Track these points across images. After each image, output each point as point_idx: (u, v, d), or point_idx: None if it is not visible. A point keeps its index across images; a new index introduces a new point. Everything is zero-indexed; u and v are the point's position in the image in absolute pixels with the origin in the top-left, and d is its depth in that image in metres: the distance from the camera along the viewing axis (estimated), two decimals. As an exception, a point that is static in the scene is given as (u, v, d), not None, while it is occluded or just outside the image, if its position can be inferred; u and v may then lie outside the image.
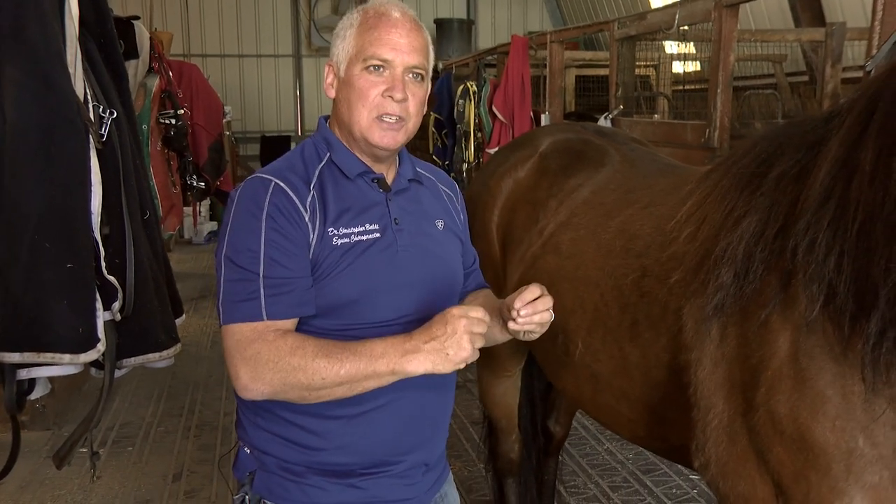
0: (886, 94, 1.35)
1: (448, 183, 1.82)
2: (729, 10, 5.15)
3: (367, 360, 1.43)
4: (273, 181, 1.52)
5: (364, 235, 1.55)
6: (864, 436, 1.43)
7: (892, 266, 1.31)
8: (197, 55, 14.94)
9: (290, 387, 1.44)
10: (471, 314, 1.44)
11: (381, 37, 1.53)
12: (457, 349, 1.42)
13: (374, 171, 1.62)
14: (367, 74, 1.54)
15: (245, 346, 1.45)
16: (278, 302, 1.47)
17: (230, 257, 1.50)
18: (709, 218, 1.76)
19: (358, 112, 1.55)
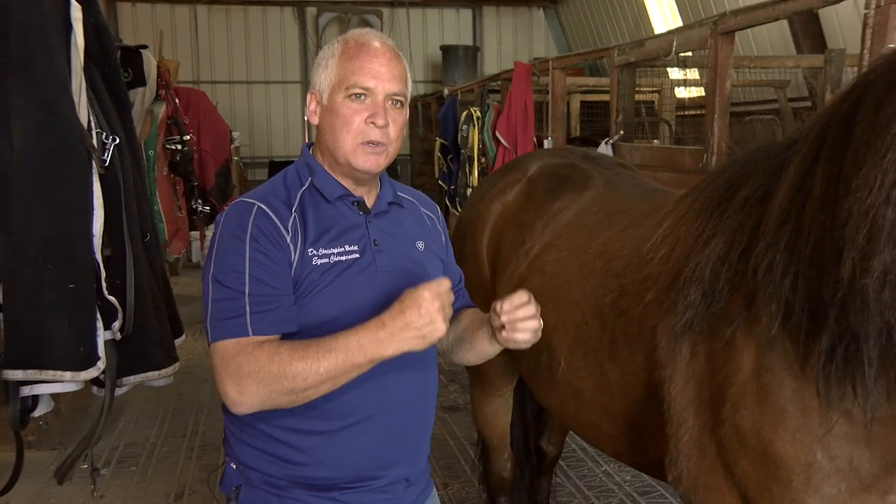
0: (834, 122, 1.42)
1: (430, 206, 1.89)
2: (724, 38, 5.23)
3: (343, 354, 1.47)
4: (256, 205, 1.60)
5: (343, 256, 1.62)
6: (821, 449, 1.48)
7: (838, 286, 1.37)
8: (206, 82, 15.18)
9: (276, 393, 1.49)
10: (441, 289, 1.49)
11: (362, 66, 1.60)
12: (432, 331, 1.47)
13: (354, 195, 1.69)
14: (349, 102, 1.61)
15: (229, 361, 1.51)
16: (263, 319, 1.53)
17: (216, 277, 1.56)
18: (681, 240, 1.83)
19: (342, 138, 1.62)
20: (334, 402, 1.58)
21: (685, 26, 6.19)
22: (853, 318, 1.36)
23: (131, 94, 5.29)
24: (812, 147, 1.48)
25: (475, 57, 15.73)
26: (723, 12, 5.36)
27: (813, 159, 1.46)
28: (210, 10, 15.67)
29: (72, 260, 2.44)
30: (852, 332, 1.37)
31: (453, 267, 1.91)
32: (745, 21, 5.10)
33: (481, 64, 16.10)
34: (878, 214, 1.30)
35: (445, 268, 1.85)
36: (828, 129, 1.44)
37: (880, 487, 1.55)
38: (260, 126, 16.15)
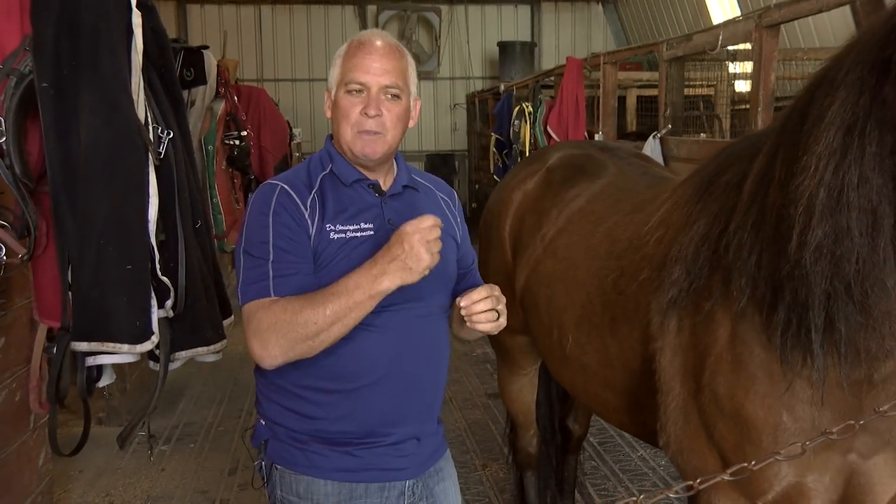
0: (794, 113, 1.55)
1: (447, 192, 2.05)
2: (769, 31, 5.25)
3: (345, 296, 1.65)
4: (279, 185, 1.81)
5: (359, 232, 1.79)
6: (786, 411, 1.61)
7: (788, 261, 1.50)
8: (270, 80, 15.62)
9: (294, 341, 1.67)
10: (422, 226, 1.64)
11: (358, 63, 1.78)
12: (417, 261, 1.63)
13: (369, 178, 1.87)
14: (348, 96, 1.80)
15: (251, 319, 1.71)
16: (284, 283, 1.72)
17: (246, 249, 1.77)
18: (673, 223, 1.97)
19: (343, 128, 1.82)
20: (351, 363, 1.76)
21: (731, 20, 6.21)
22: (800, 289, 1.49)
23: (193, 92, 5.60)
24: (777, 136, 1.61)
25: (532, 53, 15.79)
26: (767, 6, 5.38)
27: (776, 147, 1.59)
28: (274, 9, 16.12)
29: (129, 243, 2.69)
30: (801, 303, 1.50)
31: (469, 249, 2.06)
32: (790, 14, 5.11)
33: (539, 59, 16.13)
34: (813, 195, 1.44)
35: (460, 249, 1.99)
36: (789, 119, 1.57)
37: (841, 446, 1.67)
38: (321, 122, 16.51)
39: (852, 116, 1.41)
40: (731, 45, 6.18)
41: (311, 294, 1.69)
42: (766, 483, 1.73)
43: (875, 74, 1.39)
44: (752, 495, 1.78)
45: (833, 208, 1.44)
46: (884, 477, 1.72)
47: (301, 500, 1.82)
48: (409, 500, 1.88)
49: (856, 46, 1.46)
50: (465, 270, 2.03)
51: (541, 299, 2.54)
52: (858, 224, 1.42)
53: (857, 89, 1.41)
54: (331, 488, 1.81)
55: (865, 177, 1.40)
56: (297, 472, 1.82)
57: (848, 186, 1.42)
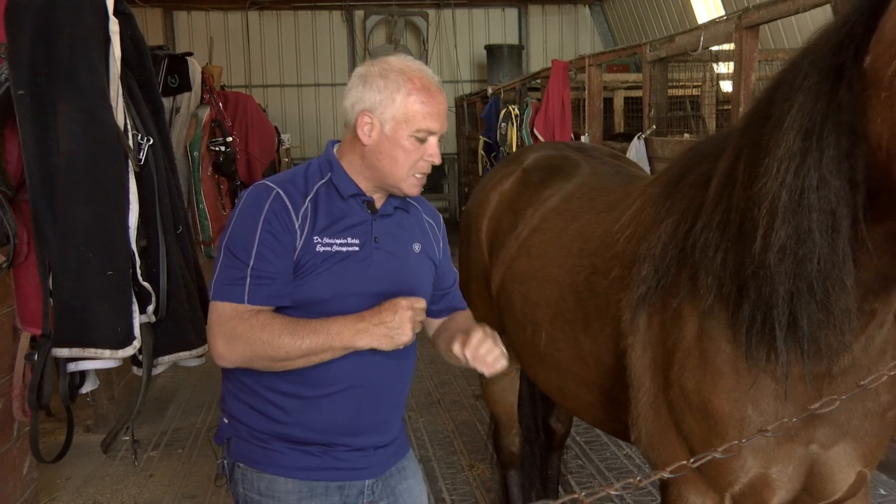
0: (756, 114, 1.59)
1: (432, 214, 2.07)
2: (749, 32, 5.31)
3: (324, 336, 1.72)
4: (275, 190, 1.80)
5: (344, 247, 1.81)
6: (751, 405, 1.64)
7: (753, 260, 1.54)
8: (258, 86, 15.66)
9: (258, 358, 1.73)
10: (416, 305, 1.74)
11: (431, 112, 1.77)
12: (399, 334, 1.73)
13: (366, 195, 1.87)
14: (415, 140, 1.77)
15: (224, 321, 1.74)
16: (259, 291, 1.75)
17: (229, 247, 1.79)
18: (642, 221, 2.00)
19: (401, 168, 1.80)
20: (316, 371, 1.79)
21: (712, 21, 6.26)
22: (764, 288, 1.53)
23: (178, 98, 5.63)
24: (740, 137, 1.65)
25: (520, 55, 15.86)
26: (746, 7, 5.43)
27: (740, 148, 1.63)
28: (261, 15, 16.15)
29: (111, 249, 2.71)
30: (765, 301, 1.54)
31: (448, 269, 2.09)
32: (769, 15, 5.17)
33: (527, 62, 16.20)
34: (775, 197, 1.48)
35: (438, 269, 2.02)
36: (751, 120, 1.61)
37: (803, 438, 1.71)
38: (310, 128, 16.57)
39: (810, 120, 1.45)
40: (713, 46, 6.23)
41: (294, 321, 1.74)
42: (732, 475, 1.77)
43: (830, 80, 1.42)
44: (720, 487, 1.81)
45: (794, 210, 1.48)
46: (842, 465, 1.77)
47: (262, 497, 1.85)
48: (369, 499, 1.92)
49: (812, 51, 1.49)
50: (444, 291, 2.06)
51: (515, 297, 2.58)
52: (819, 225, 1.46)
53: (814, 94, 1.44)
54: (291, 486, 1.84)
55: (824, 179, 1.44)
56: (259, 469, 1.85)
57: (808, 189, 1.46)
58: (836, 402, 1.48)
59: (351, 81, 1.83)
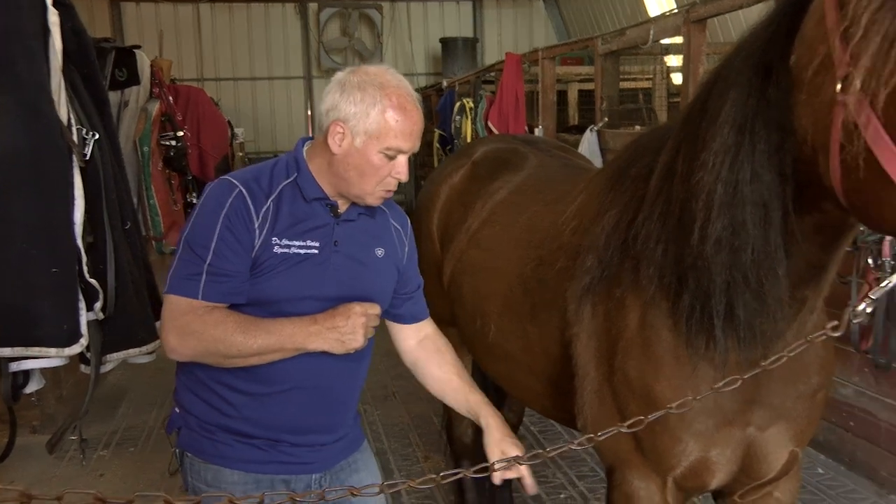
0: (695, 107, 1.63)
1: (400, 219, 2.06)
2: (696, 26, 5.40)
3: (276, 337, 1.73)
4: (238, 188, 1.79)
5: (303, 249, 1.81)
6: (692, 391, 1.69)
7: (691, 251, 1.59)
8: (210, 79, 15.43)
9: (210, 354, 1.74)
10: (370, 311, 1.76)
11: (404, 131, 1.76)
12: (351, 340, 1.75)
13: (330, 199, 1.87)
14: (384, 157, 1.76)
15: (178, 316, 1.74)
16: (214, 288, 1.75)
17: (188, 240, 1.78)
18: (587, 212, 2.04)
19: (367, 182, 1.79)
20: (267, 369, 1.80)
21: (661, 15, 6.36)
22: (702, 278, 1.58)
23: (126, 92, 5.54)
24: (679, 130, 1.69)
25: (474, 49, 15.88)
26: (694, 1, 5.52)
27: (679, 142, 1.67)
28: (213, 7, 15.91)
29: (55, 246, 2.67)
30: (704, 291, 1.59)
31: (413, 274, 2.09)
32: (714, 9, 5.26)
33: (482, 56, 16.24)
34: (711, 190, 1.52)
35: (401, 275, 2.03)
36: (690, 114, 1.65)
37: (740, 421, 1.77)
38: (264, 122, 16.40)
39: (743, 116, 1.49)
40: (663, 40, 6.33)
41: (248, 320, 1.74)
42: (674, 459, 1.82)
43: (759, 77, 1.47)
44: (662, 471, 1.86)
45: (729, 203, 1.52)
46: (777, 446, 1.84)
47: (209, 487, 1.86)
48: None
49: (744, 48, 1.54)
50: (407, 295, 2.07)
51: (466, 289, 2.60)
52: (752, 217, 1.50)
53: (746, 90, 1.48)
54: (237, 477, 1.85)
55: (757, 173, 1.48)
56: (206, 460, 1.87)
57: (742, 182, 1.50)
58: (738, 382, 1.53)
59: (329, 86, 1.82)
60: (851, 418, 4.04)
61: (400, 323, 2.08)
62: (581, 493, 4.02)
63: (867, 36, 1.17)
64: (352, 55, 16.15)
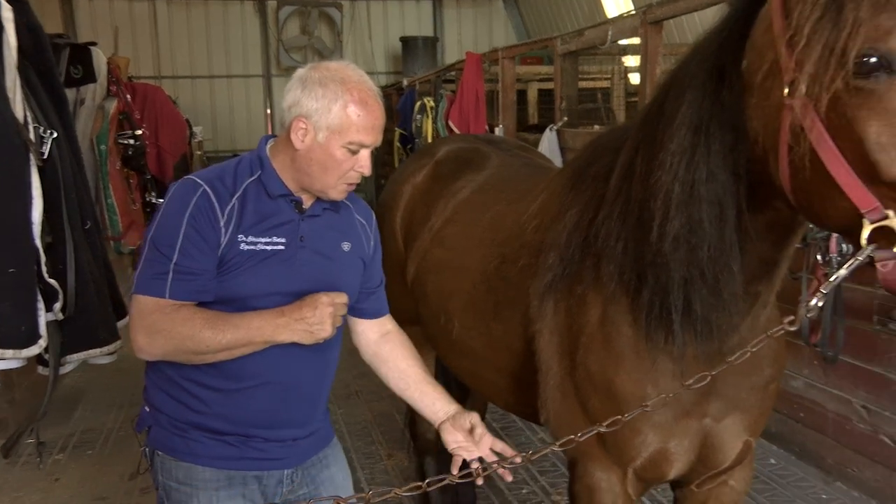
0: (652, 109, 1.69)
1: (365, 213, 2.08)
2: (653, 27, 5.50)
3: (245, 331, 1.74)
4: (203, 187, 1.80)
5: (269, 246, 1.83)
6: (651, 385, 1.74)
7: (650, 249, 1.64)
8: (168, 77, 15.19)
9: (180, 351, 1.75)
10: (337, 301, 1.78)
11: (366, 125, 1.78)
12: (319, 330, 1.76)
13: (295, 195, 1.88)
14: (346, 151, 1.78)
15: (146, 315, 1.74)
16: (181, 286, 1.76)
17: (154, 240, 1.79)
18: (548, 211, 2.09)
19: (330, 176, 1.81)
20: (237, 365, 1.81)
21: (619, 16, 6.45)
22: (661, 274, 1.63)
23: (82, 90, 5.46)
24: (637, 131, 1.74)
25: (435, 48, 15.91)
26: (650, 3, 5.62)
27: (638, 142, 1.72)
28: (170, 4, 15.67)
29: (12, 246, 2.64)
30: (662, 287, 1.64)
31: (376, 270, 2.12)
32: (670, 11, 5.37)
33: (442, 54, 16.26)
34: (669, 189, 1.57)
35: (367, 269, 2.05)
36: (647, 116, 1.71)
37: (698, 413, 1.83)
38: (223, 120, 16.21)
39: (699, 118, 1.55)
40: (621, 40, 6.43)
41: (215, 316, 1.75)
42: (634, 451, 1.87)
43: (713, 81, 1.53)
44: (623, 463, 1.91)
45: (686, 201, 1.58)
46: (732, 436, 1.90)
47: (181, 485, 1.87)
48: (289, 488, 1.95)
49: (699, 52, 1.59)
50: (370, 291, 2.09)
51: (429, 287, 2.63)
52: (708, 215, 1.56)
53: (701, 93, 1.55)
54: (209, 474, 1.86)
55: (712, 172, 1.54)
56: (177, 458, 1.87)
57: (698, 181, 1.56)
58: (707, 378, 1.58)
59: (290, 83, 1.83)
60: (801, 409, 4.16)
61: (362, 318, 2.10)
62: (542, 488, 4.07)
63: (810, 44, 1.23)
64: (311, 53, 16.05)
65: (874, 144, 1.21)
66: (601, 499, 1.96)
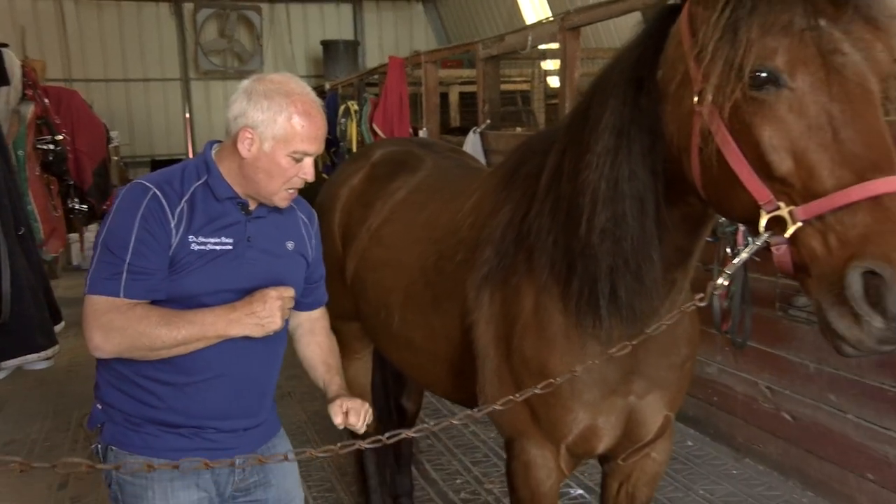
0: (578, 113, 1.86)
1: (307, 212, 2.20)
2: (571, 33, 5.74)
3: (199, 326, 1.83)
4: (152, 190, 1.88)
5: (218, 246, 1.92)
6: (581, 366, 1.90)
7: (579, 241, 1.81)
8: (80, 80, 14.67)
9: (136, 348, 1.82)
10: (284, 294, 1.90)
11: (309, 135, 1.89)
12: (270, 322, 1.88)
13: (241, 197, 1.98)
14: (290, 160, 1.89)
15: (101, 314, 1.81)
16: (135, 285, 1.83)
17: (106, 242, 1.86)
18: (483, 209, 2.24)
19: (275, 184, 1.92)
20: (188, 360, 1.89)
21: (538, 22, 6.70)
22: (589, 264, 1.80)
23: (-5, 94, 5.32)
24: (565, 134, 1.92)
25: (356, 51, 15.95)
26: (567, 10, 5.86)
27: (566, 144, 1.89)
28: (78, 4, 15.12)
29: (-54, 253, 2.62)
30: (591, 276, 1.81)
31: (318, 266, 2.24)
32: (587, 18, 5.62)
33: (363, 58, 16.30)
34: (596, 187, 1.75)
35: (310, 267, 2.17)
36: (574, 120, 1.88)
37: (623, 391, 2.01)
38: (140, 125, 15.81)
39: (620, 122, 1.73)
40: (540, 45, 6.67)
41: (170, 313, 1.83)
42: (566, 428, 2.04)
43: (633, 89, 1.71)
44: (556, 440, 2.08)
45: (611, 198, 1.75)
46: (654, 412, 2.10)
47: (135, 478, 1.93)
48: (240, 476, 2.04)
49: (620, 63, 1.77)
50: (312, 285, 2.21)
51: (369, 284, 2.75)
52: (631, 210, 1.74)
53: (622, 100, 1.73)
54: None
55: (633, 171, 1.72)
56: (133, 452, 1.93)
57: (621, 179, 1.73)
58: (628, 347, 1.75)
59: (235, 95, 1.93)
60: (715, 394, 4.45)
61: (303, 310, 2.21)
62: (476, 478, 4.23)
63: (713, 60, 1.42)
64: (231, 57, 15.86)
65: (768, 146, 1.40)
66: (536, 474, 2.12)
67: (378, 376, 3.43)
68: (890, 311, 1.25)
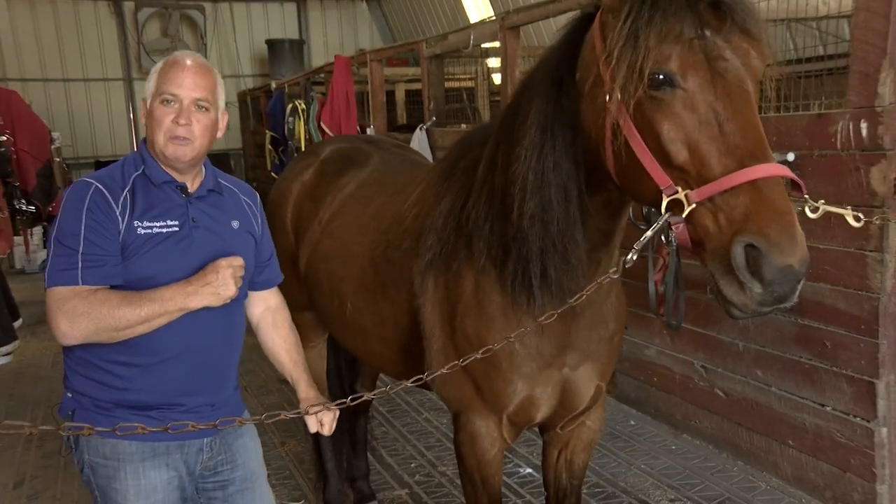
0: (509, 110, 2.04)
1: (249, 194, 2.34)
2: (511, 32, 5.94)
3: (159, 303, 1.95)
4: (94, 184, 2.02)
5: (164, 229, 2.05)
6: (518, 342, 2.09)
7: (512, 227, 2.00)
8: (15, 79, 14.32)
9: (102, 330, 1.92)
10: (234, 263, 2.03)
11: (172, 78, 2.04)
12: (225, 290, 2.01)
13: (178, 181, 2.11)
14: (162, 106, 2.05)
15: (64, 303, 1.92)
16: (91, 273, 1.95)
17: (58, 238, 1.98)
18: (426, 200, 2.41)
19: (157, 134, 2.06)
20: (151, 341, 2.01)
21: (480, 22, 6.90)
22: (522, 248, 1.99)
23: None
24: (498, 129, 2.10)
25: (301, 50, 15.95)
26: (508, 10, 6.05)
27: (498, 139, 2.08)
28: (9, 2, 14.74)
29: None
30: (523, 258, 2.00)
31: (267, 244, 2.36)
32: (526, 18, 5.83)
33: (309, 57, 16.31)
34: (525, 177, 1.94)
35: (258, 244, 2.30)
36: (506, 116, 2.07)
37: (558, 364, 2.21)
38: (82, 126, 15.55)
39: (545, 119, 1.92)
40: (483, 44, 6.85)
41: (130, 294, 1.95)
42: (507, 399, 2.22)
43: (555, 89, 1.90)
44: (498, 410, 2.26)
45: (539, 187, 1.94)
46: (586, 381, 2.29)
47: (107, 460, 2.04)
48: (208, 455, 2.17)
49: (544, 64, 1.96)
50: (263, 264, 2.34)
51: (322, 275, 2.90)
52: (556, 197, 1.93)
53: (545, 99, 1.92)
54: (135, 447, 2.05)
55: (558, 163, 1.92)
56: (103, 436, 2.02)
57: (547, 170, 1.93)
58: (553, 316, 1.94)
59: None
60: (655, 375, 4.70)
61: (257, 290, 2.34)
62: (430, 462, 4.40)
63: (619, 63, 1.62)
64: (175, 56, 15.69)
65: (666, 139, 1.61)
66: (481, 443, 2.30)
67: (331, 364, 3.57)
68: (766, 278, 1.47)
